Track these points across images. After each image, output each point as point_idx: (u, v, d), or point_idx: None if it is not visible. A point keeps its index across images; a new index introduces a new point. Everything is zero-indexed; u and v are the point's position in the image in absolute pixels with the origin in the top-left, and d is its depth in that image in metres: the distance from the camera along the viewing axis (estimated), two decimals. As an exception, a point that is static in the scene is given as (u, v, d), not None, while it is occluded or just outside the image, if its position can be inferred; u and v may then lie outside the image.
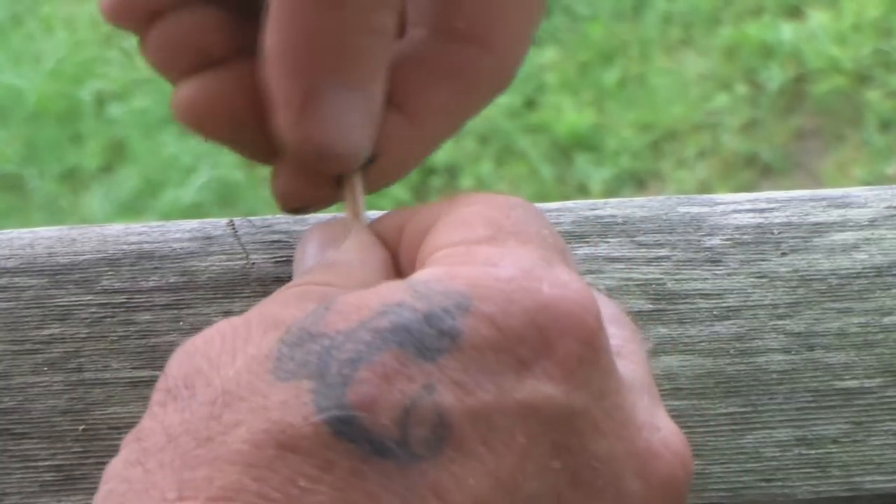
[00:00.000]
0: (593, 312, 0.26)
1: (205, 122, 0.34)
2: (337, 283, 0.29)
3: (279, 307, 0.27)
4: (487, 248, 0.27)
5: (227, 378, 0.25)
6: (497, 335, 0.24)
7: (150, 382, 0.36)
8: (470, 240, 0.27)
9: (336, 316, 0.25)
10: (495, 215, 0.28)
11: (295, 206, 0.35)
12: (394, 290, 0.25)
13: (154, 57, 0.34)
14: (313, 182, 0.34)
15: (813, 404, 0.36)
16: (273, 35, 0.31)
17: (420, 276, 0.26)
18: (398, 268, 0.31)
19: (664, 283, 0.39)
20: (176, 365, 0.26)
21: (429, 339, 0.24)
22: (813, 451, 0.35)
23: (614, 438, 0.25)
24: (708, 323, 0.38)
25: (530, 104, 1.78)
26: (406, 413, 0.23)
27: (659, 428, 0.27)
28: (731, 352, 0.37)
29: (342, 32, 0.31)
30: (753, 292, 0.38)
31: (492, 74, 0.35)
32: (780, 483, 0.35)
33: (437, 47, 0.34)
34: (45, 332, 0.37)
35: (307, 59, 0.31)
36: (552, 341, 0.25)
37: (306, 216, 0.40)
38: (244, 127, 0.34)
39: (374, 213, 0.40)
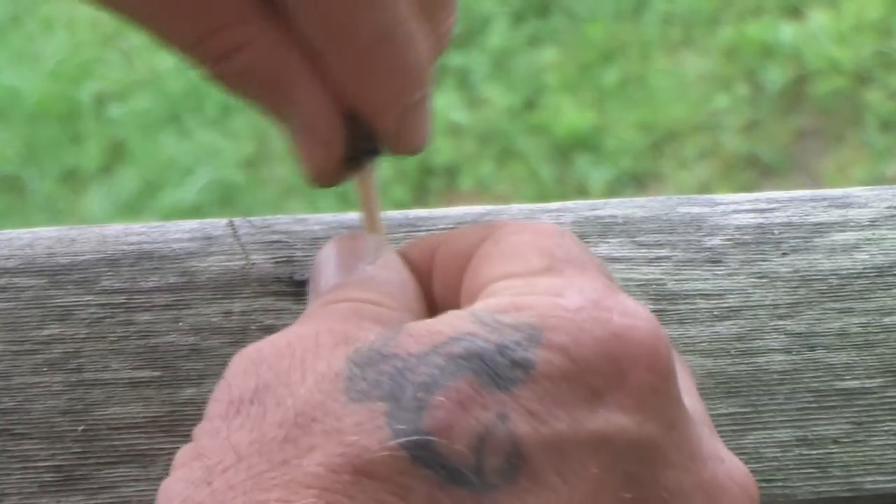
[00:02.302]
0: (664, 341, 0.26)
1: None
2: (385, 302, 0.29)
3: (337, 322, 0.27)
4: (547, 278, 0.27)
5: (299, 397, 0.24)
6: (570, 365, 0.24)
7: (150, 382, 0.36)
8: (527, 271, 0.27)
9: (407, 338, 0.25)
10: (546, 244, 0.28)
11: (327, 180, 0.35)
12: (463, 320, 0.25)
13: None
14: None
15: (814, 404, 0.36)
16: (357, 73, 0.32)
17: (484, 306, 0.26)
18: (432, 295, 0.31)
19: (665, 284, 0.38)
20: (241, 375, 0.26)
21: (502, 368, 0.24)
22: (814, 452, 0.35)
23: (682, 470, 0.25)
24: (708, 323, 0.38)
25: (530, 104, 1.78)
26: (481, 441, 0.23)
27: (723, 460, 0.26)
28: (732, 352, 0.37)
29: (404, 58, 0.32)
30: (754, 292, 0.38)
31: None
32: (780, 483, 0.35)
33: None
34: (45, 332, 0.37)
35: (392, 86, 0.33)
36: (625, 371, 0.25)
37: (306, 217, 0.40)
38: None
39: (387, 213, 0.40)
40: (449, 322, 0.25)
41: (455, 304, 0.29)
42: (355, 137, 0.33)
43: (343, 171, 0.34)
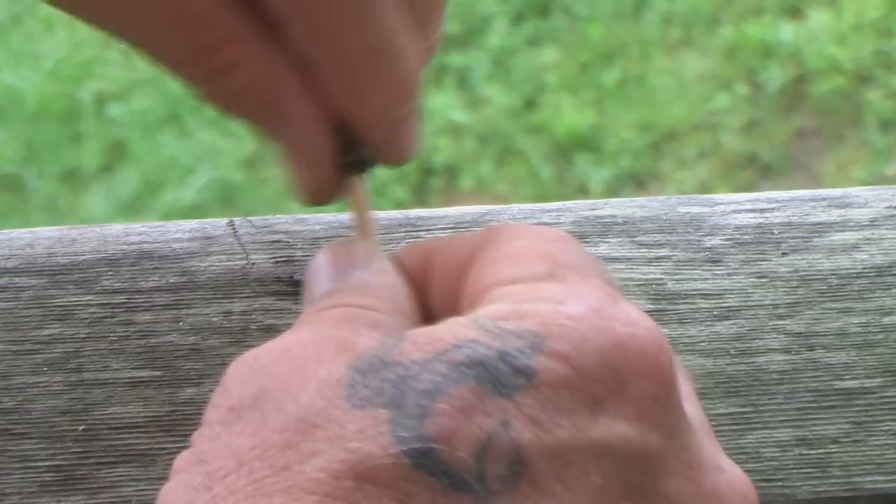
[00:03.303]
0: (666, 351, 0.26)
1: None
2: (377, 307, 0.29)
3: (335, 328, 0.27)
4: (550, 284, 0.27)
5: (301, 403, 0.24)
6: (572, 374, 0.24)
7: (150, 382, 0.36)
8: (529, 276, 0.27)
9: (410, 346, 0.25)
10: (548, 249, 0.28)
11: (320, 198, 0.34)
12: (465, 327, 0.25)
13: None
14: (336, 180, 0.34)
15: (813, 404, 0.36)
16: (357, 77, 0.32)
17: (486, 312, 0.26)
18: (428, 299, 0.31)
19: (664, 284, 0.39)
20: (239, 381, 0.26)
21: (504, 376, 0.24)
22: (813, 452, 0.35)
23: (683, 479, 0.25)
24: (708, 323, 0.38)
25: (530, 104, 1.78)
26: (483, 448, 0.23)
27: (724, 469, 0.27)
28: (732, 352, 0.37)
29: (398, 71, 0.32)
30: (754, 292, 0.38)
31: None
32: (780, 483, 0.35)
33: None
34: (45, 332, 0.37)
35: (394, 96, 0.33)
36: (626, 380, 0.25)
37: (306, 217, 0.40)
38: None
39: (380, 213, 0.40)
40: (451, 329, 0.25)
41: (454, 309, 0.29)
42: (346, 149, 0.33)
43: (335, 187, 0.34)
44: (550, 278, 0.27)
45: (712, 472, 0.26)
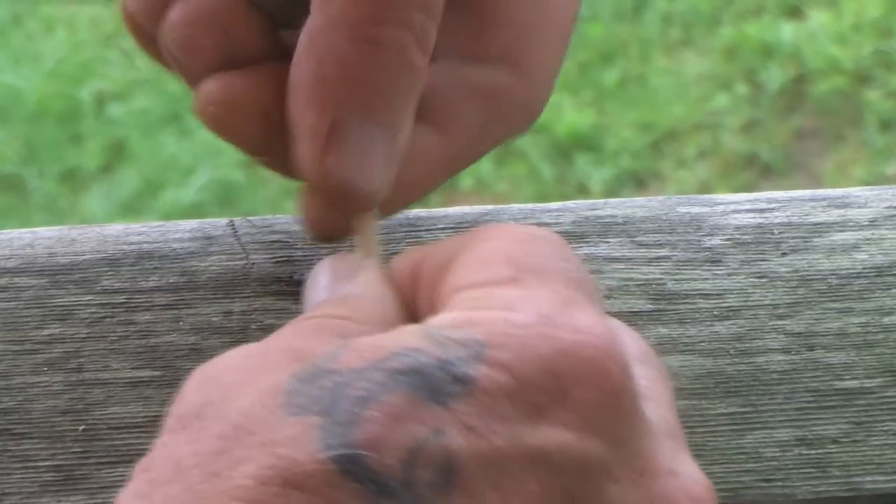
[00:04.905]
0: (615, 357, 0.25)
1: (232, 122, 0.33)
2: (353, 317, 0.29)
3: (295, 338, 0.27)
4: (507, 290, 0.26)
5: (240, 411, 0.24)
6: (511, 382, 0.24)
7: (150, 382, 0.36)
8: (489, 281, 0.27)
9: (351, 354, 0.25)
10: (515, 252, 0.28)
11: (324, 234, 0.34)
12: (411, 335, 0.25)
13: (177, 39, 0.33)
14: (343, 212, 0.33)
15: (813, 404, 0.36)
16: (304, 63, 0.31)
17: (438, 321, 0.26)
18: (416, 307, 0.31)
19: (664, 283, 0.39)
20: (191, 391, 0.26)
21: (442, 383, 0.24)
22: (813, 452, 0.35)
23: (629, 485, 0.25)
24: (708, 323, 0.38)
25: (530, 104, 1.78)
26: (412, 454, 0.23)
27: (678, 474, 0.26)
28: (731, 352, 0.37)
29: (376, 68, 0.31)
30: (753, 292, 0.38)
31: (523, 97, 0.35)
32: (780, 483, 0.35)
33: (469, 69, 0.34)
34: (45, 332, 0.37)
35: (337, 91, 0.31)
36: (568, 388, 0.25)
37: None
38: (272, 134, 0.33)
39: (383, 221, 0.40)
40: (396, 337, 0.25)
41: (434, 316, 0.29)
42: None
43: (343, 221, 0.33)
44: (510, 283, 0.27)
45: (664, 477, 0.26)
